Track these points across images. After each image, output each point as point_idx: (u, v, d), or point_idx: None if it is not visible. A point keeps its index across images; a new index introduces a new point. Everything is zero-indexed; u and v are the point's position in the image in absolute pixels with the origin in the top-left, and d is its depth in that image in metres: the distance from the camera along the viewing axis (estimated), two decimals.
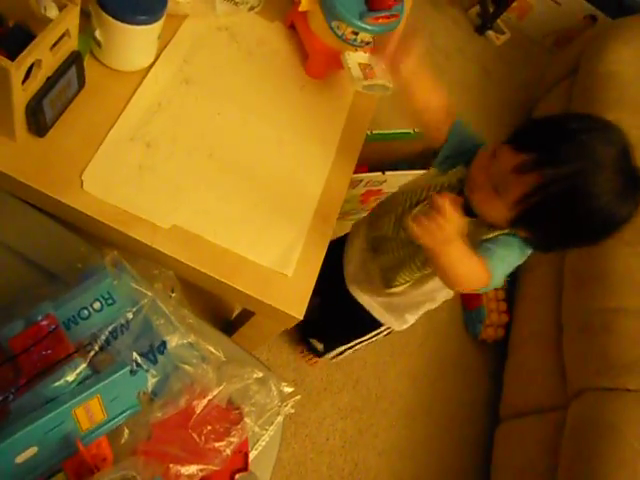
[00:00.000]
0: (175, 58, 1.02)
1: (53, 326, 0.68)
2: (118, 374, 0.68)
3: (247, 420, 0.82)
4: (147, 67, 0.98)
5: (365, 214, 1.66)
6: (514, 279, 1.75)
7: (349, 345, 1.29)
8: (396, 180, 1.49)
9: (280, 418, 0.87)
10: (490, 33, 2.47)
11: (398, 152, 1.65)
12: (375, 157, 1.61)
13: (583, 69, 1.96)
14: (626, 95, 1.79)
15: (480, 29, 2.47)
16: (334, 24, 1.04)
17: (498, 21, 2.48)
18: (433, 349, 1.64)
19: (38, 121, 0.83)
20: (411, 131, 1.54)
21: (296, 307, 0.90)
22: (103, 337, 0.68)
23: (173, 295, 0.85)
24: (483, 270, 0.83)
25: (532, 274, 1.67)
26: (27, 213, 0.86)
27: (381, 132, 1.48)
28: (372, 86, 1.04)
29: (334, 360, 1.39)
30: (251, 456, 0.83)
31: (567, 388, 1.35)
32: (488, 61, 2.41)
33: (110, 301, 0.72)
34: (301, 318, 0.90)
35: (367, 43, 1.07)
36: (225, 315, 1.28)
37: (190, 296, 1.15)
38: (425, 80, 0.92)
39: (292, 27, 1.16)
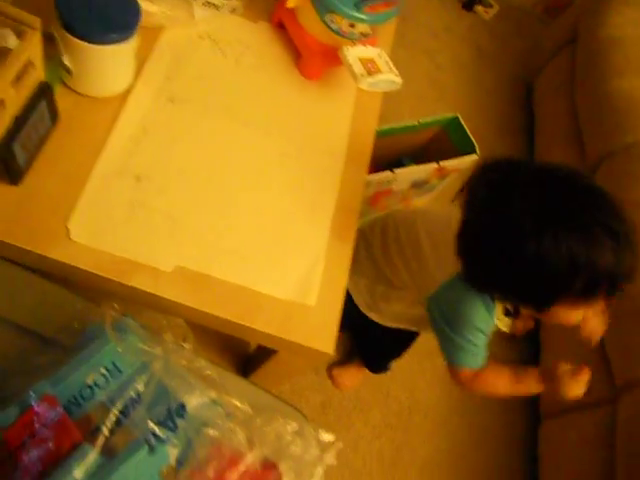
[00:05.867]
0: (156, 76, 0.91)
1: (53, 411, 0.58)
2: (134, 458, 0.58)
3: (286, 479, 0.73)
4: (126, 90, 0.87)
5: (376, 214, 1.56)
6: None
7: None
8: (405, 177, 1.39)
9: (320, 470, 0.77)
10: (478, 8, 2.36)
11: (401, 146, 1.55)
12: (378, 154, 1.51)
13: (583, 36, 1.86)
14: (632, 58, 1.69)
15: (467, 5, 2.35)
16: (328, 18, 0.93)
17: None
18: None
19: (10, 167, 0.72)
20: (416, 123, 1.44)
21: (325, 340, 0.80)
22: (113, 417, 0.59)
23: (186, 346, 0.75)
24: None
25: None
26: (10, 272, 0.76)
27: (386, 128, 1.37)
28: (378, 82, 0.93)
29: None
30: None
31: (614, 380, 1.26)
32: (479, 37, 2.30)
33: (116, 372, 0.61)
34: (332, 353, 0.80)
35: (366, 35, 0.97)
36: (243, 348, 1.18)
37: (202, 335, 1.06)
38: None
39: (280, 26, 1.05)
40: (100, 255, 0.75)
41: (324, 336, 0.81)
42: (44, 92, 0.74)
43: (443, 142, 1.54)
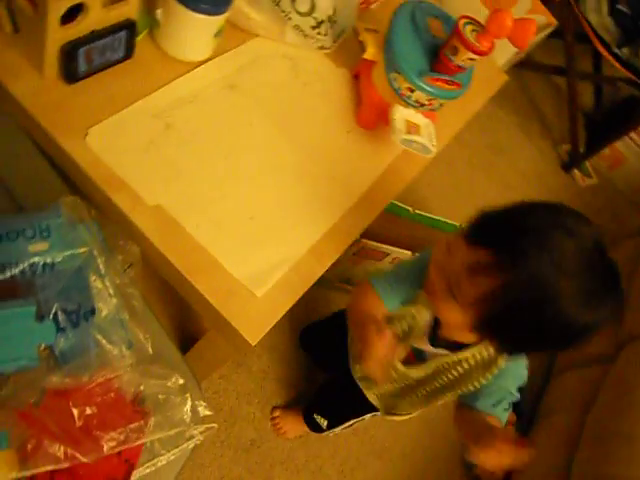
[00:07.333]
0: (230, 64, 1.03)
1: None
2: (19, 309, 0.62)
3: (148, 428, 0.72)
4: (198, 63, 0.99)
5: None
6: (525, 422, 1.55)
7: (358, 419, 1.17)
8: None
9: (190, 445, 0.75)
10: (576, 173, 2.40)
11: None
12: (413, 240, 1.53)
13: None
14: None
15: (567, 167, 2.40)
16: (392, 76, 1.02)
17: (587, 164, 2.42)
18: (417, 465, 1.44)
19: (69, 67, 0.84)
20: (456, 224, 1.46)
21: (253, 331, 0.81)
22: (21, 265, 0.63)
23: (127, 270, 0.79)
24: None
25: (548, 421, 1.46)
26: (24, 145, 0.85)
27: (422, 214, 1.41)
28: (412, 142, 0.99)
29: (332, 433, 1.25)
30: (138, 473, 0.71)
31: None
32: (566, 198, 2.32)
33: (45, 234, 0.67)
34: (253, 344, 0.81)
35: (421, 105, 1.04)
36: (196, 334, 1.19)
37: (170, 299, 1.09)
38: None
39: (357, 77, 1.15)
40: (100, 165, 0.83)
41: (255, 327, 0.82)
42: (127, 26, 0.87)
43: None
